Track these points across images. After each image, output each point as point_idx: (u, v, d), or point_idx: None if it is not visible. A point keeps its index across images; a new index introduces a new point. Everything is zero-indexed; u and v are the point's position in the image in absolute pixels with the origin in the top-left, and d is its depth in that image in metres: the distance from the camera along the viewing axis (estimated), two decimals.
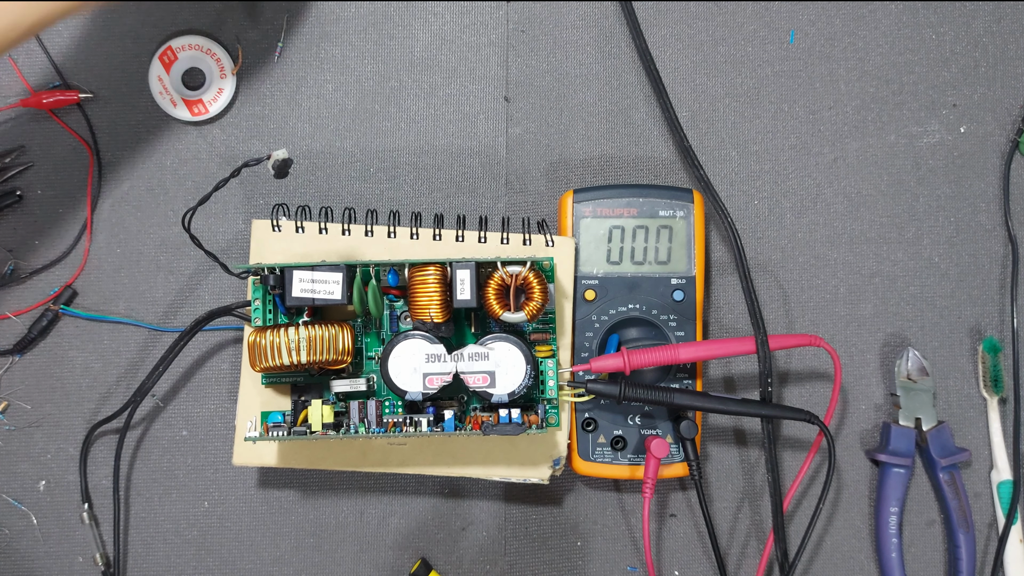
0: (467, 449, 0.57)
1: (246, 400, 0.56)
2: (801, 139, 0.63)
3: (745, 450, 0.63)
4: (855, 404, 0.63)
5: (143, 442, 0.62)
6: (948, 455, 0.61)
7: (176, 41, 0.61)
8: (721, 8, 0.63)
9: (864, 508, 0.63)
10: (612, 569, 0.63)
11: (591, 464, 0.59)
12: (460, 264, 0.52)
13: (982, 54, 0.64)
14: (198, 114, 0.61)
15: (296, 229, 0.57)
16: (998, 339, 0.63)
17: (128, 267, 0.62)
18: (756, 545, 0.63)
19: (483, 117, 0.63)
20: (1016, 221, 0.64)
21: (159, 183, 0.62)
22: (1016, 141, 0.63)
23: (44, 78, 0.62)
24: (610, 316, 0.59)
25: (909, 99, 0.64)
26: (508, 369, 0.52)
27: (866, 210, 0.63)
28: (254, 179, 0.62)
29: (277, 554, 0.62)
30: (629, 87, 0.63)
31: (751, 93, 0.63)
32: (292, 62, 0.62)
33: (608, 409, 0.59)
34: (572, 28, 0.63)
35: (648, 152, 0.63)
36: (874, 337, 0.63)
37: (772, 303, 0.63)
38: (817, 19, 0.63)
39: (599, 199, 0.59)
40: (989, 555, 0.63)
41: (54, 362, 0.61)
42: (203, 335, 0.61)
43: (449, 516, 0.62)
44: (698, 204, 0.59)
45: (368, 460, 0.57)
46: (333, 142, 0.62)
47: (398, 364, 0.52)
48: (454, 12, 0.63)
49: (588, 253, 0.59)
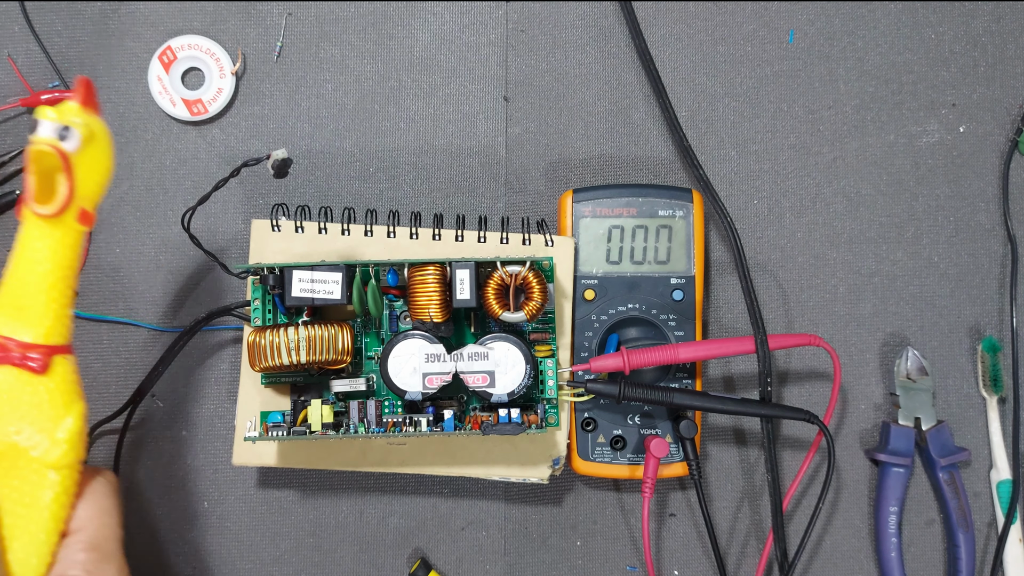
0: (467, 449, 0.58)
1: (246, 400, 0.56)
2: (801, 139, 0.63)
3: (745, 450, 0.63)
4: (855, 404, 0.63)
5: (143, 442, 0.62)
6: (947, 455, 0.61)
7: (176, 41, 0.61)
8: (721, 8, 0.63)
9: (864, 508, 0.63)
10: (612, 569, 0.63)
11: (591, 464, 0.59)
12: (460, 264, 0.52)
13: (981, 54, 0.64)
14: (198, 114, 0.61)
15: (296, 229, 0.57)
16: (997, 339, 0.63)
17: (128, 267, 0.62)
18: (756, 545, 0.63)
19: (483, 117, 0.63)
20: (1015, 221, 0.64)
21: (159, 183, 0.62)
22: (1015, 141, 0.63)
23: (44, 78, 0.62)
24: (610, 316, 0.59)
25: (908, 99, 0.64)
26: (508, 369, 0.52)
27: (865, 210, 0.63)
28: (254, 179, 0.62)
29: (277, 554, 0.62)
30: (628, 87, 0.63)
31: (751, 93, 0.63)
32: (292, 62, 0.62)
33: (608, 409, 0.59)
34: (572, 28, 0.63)
35: (647, 152, 0.63)
36: (874, 337, 0.63)
37: (771, 303, 0.63)
38: (816, 19, 0.64)
39: (598, 199, 0.59)
40: (989, 555, 0.63)
41: None
42: (203, 335, 0.61)
43: (449, 516, 0.62)
44: (697, 204, 0.59)
45: (368, 460, 0.57)
46: (333, 142, 0.62)
47: (398, 364, 0.52)
48: (454, 12, 0.63)
49: (587, 253, 0.59)
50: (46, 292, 0.39)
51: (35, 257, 0.39)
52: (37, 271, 0.39)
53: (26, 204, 0.38)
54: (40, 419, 0.39)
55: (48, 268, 0.39)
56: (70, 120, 0.38)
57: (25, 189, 0.38)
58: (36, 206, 0.38)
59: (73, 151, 0.38)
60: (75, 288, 0.41)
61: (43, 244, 0.39)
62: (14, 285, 0.39)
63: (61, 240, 0.39)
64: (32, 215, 0.38)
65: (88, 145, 0.39)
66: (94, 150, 0.39)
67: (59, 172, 0.38)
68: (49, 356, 0.39)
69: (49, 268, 0.39)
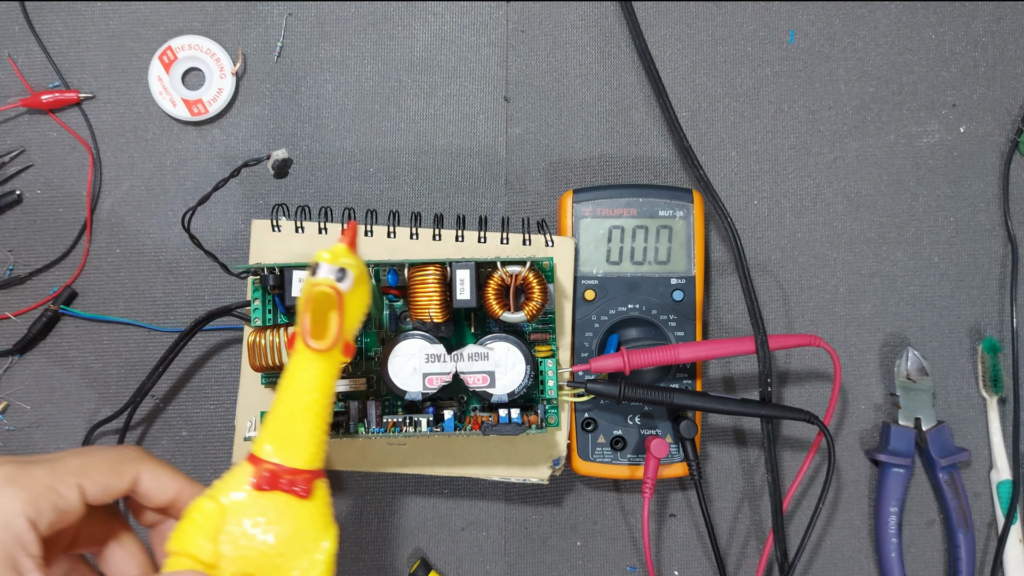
0: (467, 449, 0.57)
1: (246, 400, 0.56)
2: (801, 139, 0.63)
3: (745, 450, 0.63)
4: (855, 404, 0.63)
5: (143, 442, 0.62)
6: (948, 455, 0.61)
7: (176, 41, 0.61)
8: (721, 8, 0.63)
9: (864, 508, 0.63)
10: (612, 569, 0.63)
11: (591, 464, 0.59)
12: (460, 264, 0.52)
13: (981, 54, 0.64)
14: (198, 114, 0.61)
15: (296, 229, 0.57)
16: (997, 339, 0.63)
17: (128, 267, 0.62)
18: (756, 545, 0.63)
19: (483, 117, 0.63)
20: (1015, 221, 0.64)
21: (159, 183, 0.62)
22: (1015, 141, 0.63)
23: (44, 78, 0.62)
24: (610, 316, 0.59)
25: (909, 99, 0.64)
26: (508, 369, 0.52)
27: (866, 210, 0.63)
28: (254, 179, 0.62)
29: None
30: (629, 87, 0.63)
31: (751, 93, 0.63)
32: (292, 62, 0.62)
33: (608, 409, 0.59)
34: (572, 28, 0.63)
35: (648, 152, 0.63)
36: (874, 337, 0.63)
37: (772, 303, 0.63)
38: (817, 19, 0.64)
39: (599, 199, 0.59)
40: (989, 555, 0.63)
41: (54, 362, 0.61)
42: (203, 335, 0.61)
43: (449, 516, 0.62)
44: (698, 204, 0.59)
45: (368, 460, 0.57)
46: (333, 142, 0.62)
47: (398, 364, 0.52)
48: (454, 12, 0.63)
49: (588, 253, 0.59)
50: (312, 421, 0.41)
51: (304, 388, 0.41)
52: (305, 400, 0.41)
53: (301, 339, 0.41)
54: (302, 542, 0.41)
55: (314, 398, 0.41)
56: (344, 262, 0.41)
57: (300, 325, 0.41)
58: (312, 342, 0.40)
59: (347, 291, 0.41)
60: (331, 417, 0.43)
61: (311, 375, 0.41)
62: (283, 414, 0.41)
63: (327, 371, 0.42)
64: (305, 349, 0.41)
65: (357, 285, 0.41)
66: (360, 288, 0.42)
67: (333, 310, 0.41)
68: (312, 481, 0.41)
69: (315, 398, 0.41)
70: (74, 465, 0.40)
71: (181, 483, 0.44)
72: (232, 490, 0.40)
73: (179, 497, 0.43)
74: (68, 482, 0.40)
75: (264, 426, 0.42)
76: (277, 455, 0.41)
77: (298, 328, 0.41)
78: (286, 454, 0.41)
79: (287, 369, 0.42)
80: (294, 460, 0.41)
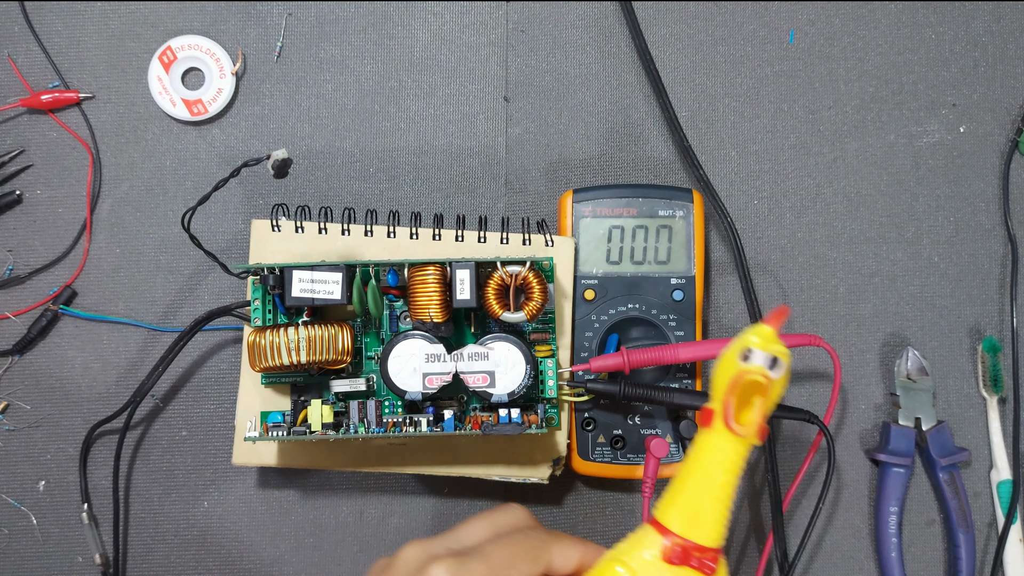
0: (467, 449, 0.57)
1: (246, 400, 0.56)
2: (801, 139, 0.63)
3: None
4: (855, 404, 0.63)
5: (143, 442, 0.62)
6: (948, 455, 0.61)
7: (176, 41, 0.61)
8: (721, 8, 0.63)
9: (864, 508, 0.63)
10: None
11: (591, 464, 0.59)
12: (460, 264, 0.52)
13: (981, 54, 0.64)
14: (198, 114, 0.61)
15: (296, 229, 0.57)
16: (998, 339, 0.63)
17: (128, 267, 0.62)
18: (756, 545, 0.63)
19: (483, 117, 0.63)
20: (1016, 221, 0.64)
21: (159, 183, 0.62)
22: (1016, 141, 0.63)
23: (44, 78, 0.62)
24: (610, 316, 0.59)
25: (908, 99, 0.64)
26: (508, 369, 0.52)
27: (866, 210, 0.63)
28: (254, 179, 0.62)
29: (277, 554, 0.62)
30: (629, 87, 0.63)
31: (751, 93, 0.63)
32: (292, 62, 0.62)
33: (608, 409, 0.59)
34: (572, 28, 0.63)
35: (648, 152, 0.63)
36: (874, 337, 0.63)
37: (772, 303, 0.63)
38: (817, 19, 0.64)
39: (599, 199, 0.59)
40: (989, 555, 0.63)
41: (54, 362, 0.61)
42: (203, 335, 0.61)
43: (449, 516, 0.62)
44: (698, 204, 0.59)
45: (368, 460, 0.57)
46: (333, 142, 0.62)
47: (398, 364, 0.52)
48: (454, 12, 0.63)
49: (588, 253, 0.59)
50: (723, 501, 0.42)
51: (718, 468, 0.42)
52: (717, 481, 0.42)
53: (722, 421, 0.41)
54: None
55: (727, 479, 0.42)
56: (777, 350, 0.41)
57: (724, 407, 0.41)
58: (736, 426, 0.41)
59: (776, 379, 0.41)
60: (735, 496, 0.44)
61: (725, 457, 0.42)
62: (693, 491, 0.42)
63: (741, 454, 0.42)
64: (725, 430, 0.41)
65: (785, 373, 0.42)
66: (786, 377, 0.42)
67: (758, 396, 0.41)
68: (717, 559, 0.42)
69: (728, 479, 0.42)
70: (502, 558, 0.42)
71: (583, 550, 0.45)
72: (640, 555, 0.42)
73: (583, 563, 0.45)
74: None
75: (670, 497, 0.43)
76: (685, 530, 0.42)
77: (718, 408, 0.41)
78: (694, 530, 0.42)
79: (698, 445, 0.42)
80: (702, 537, 0.42)
